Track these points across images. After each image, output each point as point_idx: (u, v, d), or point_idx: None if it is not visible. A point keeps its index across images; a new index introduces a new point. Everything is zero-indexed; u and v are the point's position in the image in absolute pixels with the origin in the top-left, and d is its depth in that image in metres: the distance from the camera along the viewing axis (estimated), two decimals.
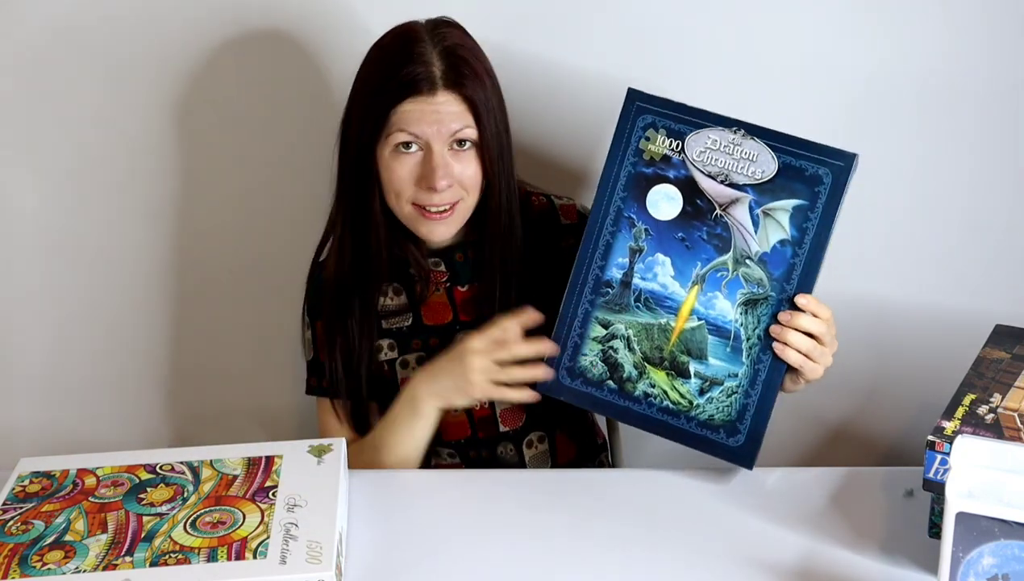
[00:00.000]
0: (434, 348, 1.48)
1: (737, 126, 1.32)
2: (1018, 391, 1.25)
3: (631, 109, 1.36)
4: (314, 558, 1.10)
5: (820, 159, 1.29)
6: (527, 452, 1.51)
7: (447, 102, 1.36)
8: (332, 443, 1.30)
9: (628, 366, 1.36)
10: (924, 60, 1.68)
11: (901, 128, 1.72)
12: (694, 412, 1.33)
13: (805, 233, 1.29)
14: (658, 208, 1.35)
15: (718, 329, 1.32)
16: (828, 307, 1.30)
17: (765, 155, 1.30)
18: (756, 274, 1.31)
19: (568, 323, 1.37)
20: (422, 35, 1.38)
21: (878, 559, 1.20)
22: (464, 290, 1.50)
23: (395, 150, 1.38)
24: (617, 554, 1.21)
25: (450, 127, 1.36)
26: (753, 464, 1.32)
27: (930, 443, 1.17)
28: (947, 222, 1.76)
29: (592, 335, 1.37)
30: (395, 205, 1.42)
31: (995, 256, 1.78)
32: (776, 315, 1.30)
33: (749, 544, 1.22)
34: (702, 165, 1.33)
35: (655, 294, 1.35)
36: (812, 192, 1.29)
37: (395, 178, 1.39)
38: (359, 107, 1.40)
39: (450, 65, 1.36)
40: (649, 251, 1.35)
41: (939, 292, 1.79)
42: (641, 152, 1.35)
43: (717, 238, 1.32)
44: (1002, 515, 0.99)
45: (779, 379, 1.31)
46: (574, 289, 1.38)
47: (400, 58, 1.36)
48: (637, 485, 1.35)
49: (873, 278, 1.79)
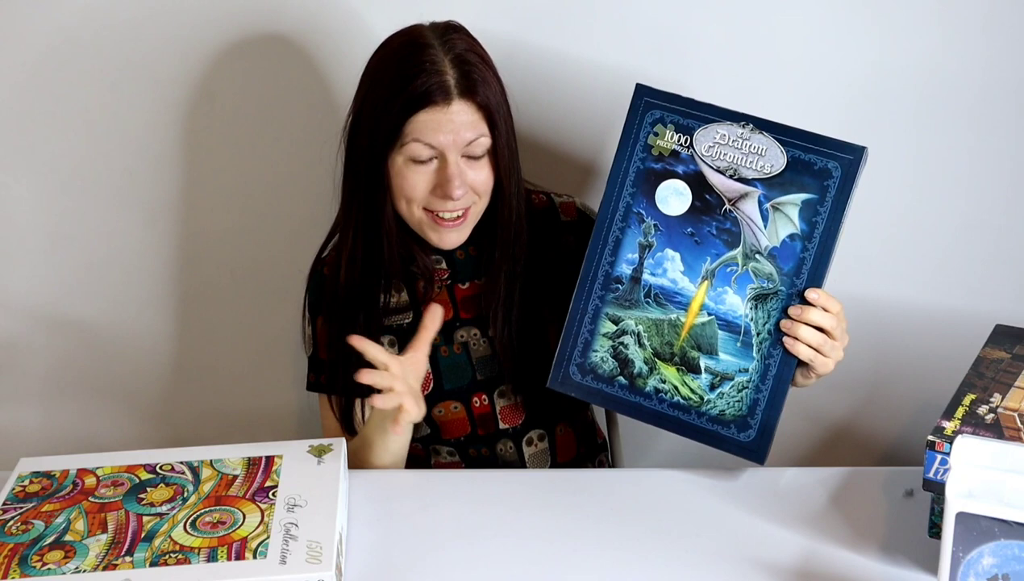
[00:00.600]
0: (435, 345, 1.48)
1: (746, 120, 1.32)
2: (1018, 391, 1.25)
3: (639, 105, 1.36)
4: (314, 558, 1.10)
5: (829, 153, 1.29)
6: (527, 450, 1.52)
7: (461, 112, 1.35)
8: (332, 443, 1.30)
9: (639, 362, 1.36)
10: (923, 60, 1.68)
11: (901, 128, 1.72)
12: (705, 407, 1.33)
13: (815, 227, 1.30)
14: (667, 203, 1.35)
15: (728, 324, 1.32)
16: (838, 301, 1.31)
17: (774, 149, 1.31)
18: (766, 269, 1.31)
19: (578, 319, 1.38)
20: (432, 42, 1.37)
21: (878, 559, 1.20)
22: (465, 287, 1.50)
23: (409, 160, 1.37)
24: (617, 554, 1.21)
25: (465, 136, 1.36)
26: (765, 459, 1.32)
27: (930, 443, 1.17)
28: (947, 222, 1.76)
29: (602, 331, 1.37)
30: (405, 210, 1.42)
31: (995, 256, 1.78)
32: (786, 310, 1.30)
33: (749, 544, 1.22)
34: (711, 160, 1.32)
35: (665, 290, 1.35)
36: (821, 186, 1.29)
37: (408, 186, 1.39)
38: (369, 117, 1.38)
39: (463, 73, 1.36)
40: (659, 247, 1.35)
41: (939, 292, 1.79)
42: (650, 147, 1.35)
43: (727, 233, 1.32)
44: (1002, 515, 0.99)
45: (790, 374, 1.31)
46: (584, 285, 1.38)
47: (412, 67, 1.35)
48: (637, 485, 1.35)
49: (873, 278, 1.79)
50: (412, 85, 1.34)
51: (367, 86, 1.41)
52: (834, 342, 1.31)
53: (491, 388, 1.49)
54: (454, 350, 1.49)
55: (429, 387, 1.49)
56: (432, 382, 1.49)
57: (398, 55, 1.38)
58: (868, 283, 1.79)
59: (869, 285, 1.79)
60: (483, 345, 1.49)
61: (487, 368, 1.49)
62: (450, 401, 1.49)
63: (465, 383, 1.49)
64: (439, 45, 1.37)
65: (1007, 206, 1.75)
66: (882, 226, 1.76)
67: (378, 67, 1.40)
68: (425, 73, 1.34)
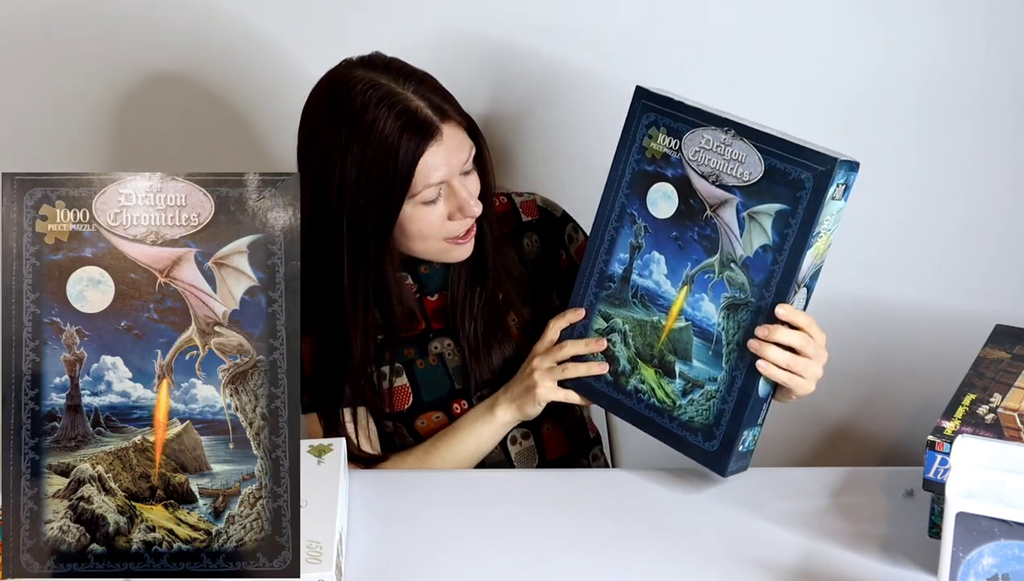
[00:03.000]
0: (409, 359, 1.48)
1: (729, 126, 1.28)
2: (1018, 391, 1.25)
3: (637, 107, 1.35)
4: (314, 558, 1.10)
5: (802, 162, 1.22)
6: (512, 449, 1.51)
7: (451, 137, 1.34)
8: (332, 443, 1.30)
9: (623, 360, 1.36)
10: (924, 61, 1.68)
11: (901, 128, 1.71)
12: (677, 412, 1.33)
13: (785, 239, 1.25)
14: (656, 206, 1.34)
15: (702, 331, 1.31)
16: (807, 316, 1.26)
17: (753, 157, 1.27)
18: (739, 278, 1.28)
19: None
20: (383, 81, 1.33)
21: (878, 559, 1.20)
22: (434, 299, 1.50)
23: (419, 204, 1.36)
24: (617, 554, 1.21)
25: (461, 158, 1.36)
26: (726, 471, 1.30)
27: (930, 443, 1.17)
28: (947, 222, 1.76)
29: (595, 327, 1.38)
30: (420, 248, 1.40)
31: (995, 256, 1.78)
32: (755, 321, 1.26)
33: (749, 544, 1.22)
34: (696, 165, 1.31)
35: (650, 291, 1.35)
36: (794, 197, 1.23)
37: (427, 226, 1.37)
38: (368, 182, 1.32)
39: (429, 100, 1.33)
40: (647, 248, 1.35)
41: (939, 292, 1.79)
42: (644, 149, 1.35)
43: (706, 239, 1.31)
44: (1002, 515, 0.99)
45: (754, 388, 1.27)
46: (582, 281, 1.39)
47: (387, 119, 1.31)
48: (637, 485, 1.35)
49: (873, 278, 1.79)
50: (401, 138, 1.31)
51: (338, 148, 1.33)
52: (807, 360, 1.26)
53: (470, 394, 1.49)
54: (430, 362, 1.49)
55: (409, 402, 1.48)
56: (412, 396, 1.48)
57: (363, 112, 1.31)
58: (868, 283, 1.79)
59: (869, 285, 1.79)
60: (457, 354, 1.49)
61: (464, 376, 1.49)
62: (431, 412, 1.48)
63: (444, 393, 1.49)
64: (391, 82, 1.33)
65: (1007, 206, 1.75)
66: (883, 227, 1.76)
67: (343, 126, 1.33)
68: (406, 119, 1.31)
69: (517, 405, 1.42)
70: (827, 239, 1.26)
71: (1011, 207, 1.75)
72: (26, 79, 1.70)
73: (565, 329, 1.40)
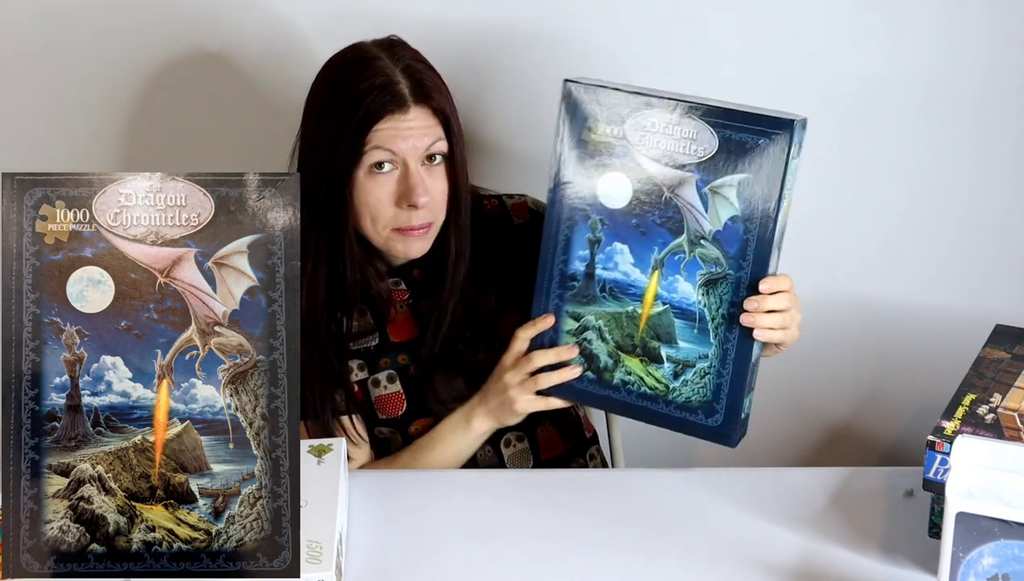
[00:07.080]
0: (403, 365, 1.48)
1: (675, 104, 1.29)
2: (1018, 391, 1.25)
3: (570, 101, 1.34)
4: (314, 558, 1.10)
5: (761, 130, 1.25)
6: (505, 451, 1.51)
7: (418, 117, 1.36)
8: (332, 443, 1.30)
9: (603, 356, 1.36)
10: (924, 61, 1.68)
11: (901, 128, 1.72)
12: (671, 396, 1.33)
13: (754, 207, 1.27)
14: (609, 197, 1.34)
15: (683, 312, 1.32)
16: (787, 277, 1.30)
17: (705, 132, 1.28)
18: (712, 254, 1.30)
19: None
20: (379, 54, 1.38)
21: (878, 559, 1.20)
22: (428, 304, 1.50)
23: (370, 171, 1.37)
24: (617, 554, 1.21)
25: (424, 142, 1.37)
26: (735, 442, 1.32)
27: (930, 443, 1.17)
28: (947, 222, 1.76)
29: (565, 329, 1.37)
30: (370, 230, 1.41)
31: (995, 256, 1.78)
32: (737, 292, 1.28)
33: (749, 544, 1.22)
34: (645, 149, 1.31)
35: (619, 282, 1.35)
36: (756, 165, 1.26)
37: (373, 200, 1.38)
38: (326, 136, 1.38)
39: (415, 81, 1.37)
40: (607, 241, 1.34)
41: (939, 292, 1.79)
42: (585, 143, 1.34)
43: (670, 221, 1.31)
44: (1002, 515, 0.99)
45: (749, 354, 1.30)
46: (542, 287, 1.38)
47: (365, 80, 1.35)
48: (637, 485, 1.36)
49: (873, 278, 1.79)
50: (368, 97, 1.34)
51: (318, 107, 1.40)
52: (792, 312, 1.31)
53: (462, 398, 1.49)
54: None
55: (403, 409, 1.48)
56: (405, 403, 1.48)
57: (348, 71, 1.38)
58: (868, 283, 1.79)
59: (869, 285, 1.79)
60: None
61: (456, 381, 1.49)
62: (424, 418, 1.48)
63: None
64: (387, 57, 1.38)
65: (1007, 206, 1.75)
66: (882, 226, 1.76)
67: (327, 86, 1.40)
68: (379, 84, 1.35)
69: (495, 416, 1.42)
70: (790, 198, 1.28)
71: (1011, 207, 1.75)
72: (26, 79, 1.70)
73: (535, 338, 1.39)
